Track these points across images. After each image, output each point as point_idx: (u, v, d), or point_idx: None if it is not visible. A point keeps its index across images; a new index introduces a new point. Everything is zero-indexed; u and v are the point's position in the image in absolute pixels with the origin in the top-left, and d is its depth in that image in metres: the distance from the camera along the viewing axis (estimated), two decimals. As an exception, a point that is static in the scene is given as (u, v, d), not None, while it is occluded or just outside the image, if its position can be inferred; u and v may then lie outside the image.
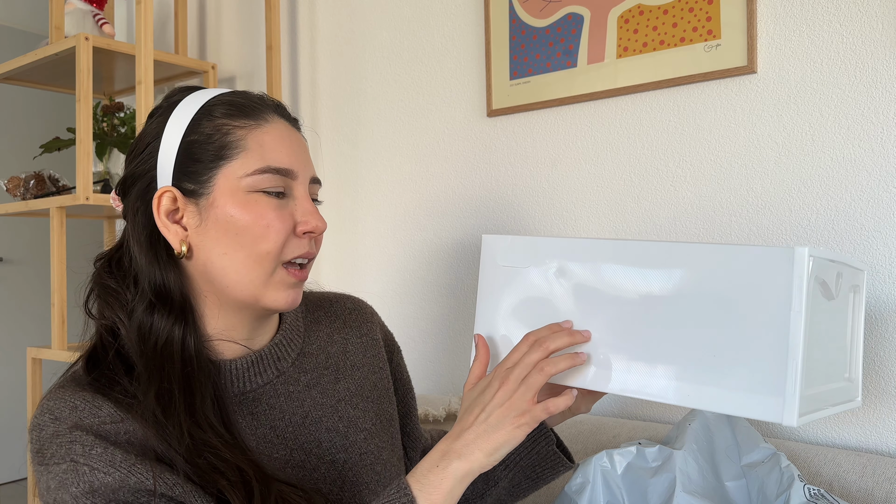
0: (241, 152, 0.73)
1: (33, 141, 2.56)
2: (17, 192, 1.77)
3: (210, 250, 0.72)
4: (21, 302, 3.43)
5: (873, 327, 1.02)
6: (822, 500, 0.79)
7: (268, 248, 0.72)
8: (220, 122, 0.73)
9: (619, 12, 1.23)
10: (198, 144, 0.73)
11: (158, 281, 0.72)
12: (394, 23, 1.57)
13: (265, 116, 0.75)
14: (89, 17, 1.74)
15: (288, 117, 0.79)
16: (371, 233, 1.61)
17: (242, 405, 0.76)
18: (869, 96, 1.02)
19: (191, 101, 0.75)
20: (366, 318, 0.93)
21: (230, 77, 1.92)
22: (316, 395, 0.81)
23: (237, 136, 0.73)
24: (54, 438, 0.66)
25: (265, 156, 0.73)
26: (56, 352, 1.66)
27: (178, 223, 0.73)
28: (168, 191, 0.73)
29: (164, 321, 0.71)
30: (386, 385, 0.90)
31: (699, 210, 1.16)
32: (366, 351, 0.89)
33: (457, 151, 1.46)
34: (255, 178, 0.72)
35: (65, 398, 0.68)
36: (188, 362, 0.71)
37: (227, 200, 0.72)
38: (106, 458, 0.64)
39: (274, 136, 0.75)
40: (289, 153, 0.75)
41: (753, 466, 0.88)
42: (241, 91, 0.79)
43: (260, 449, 0.75)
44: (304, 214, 0.75)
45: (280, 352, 0.80)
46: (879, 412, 1.01)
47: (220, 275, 0.73)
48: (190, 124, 0.73)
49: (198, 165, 0.72)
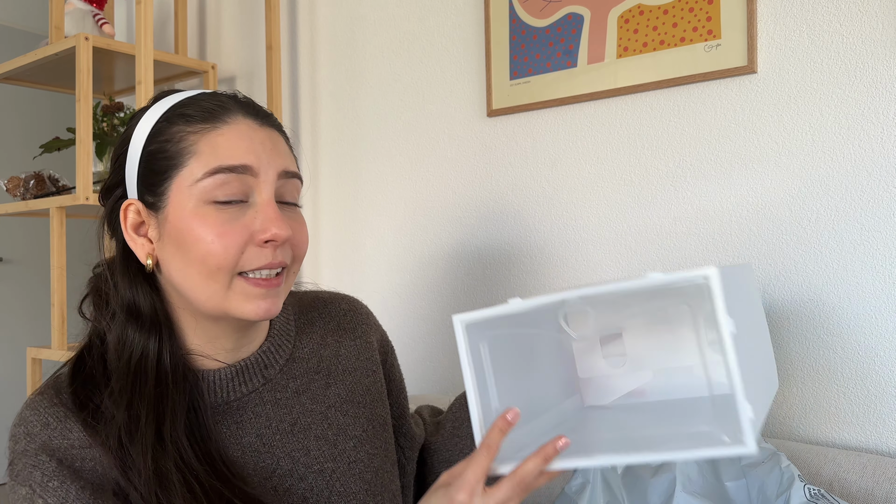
0: (191, 157, 0.68)
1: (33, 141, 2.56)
2: (17, 192, 1.77)
3: (170, 265, 0.70)
4: (21, 302, 3.43)
5: (874, 327, 1.02)
6: (822, 500, 0.79)
7: (217, 263, 0.67)
8: (176, 129, 0.70)
9: (619, 12, 1.23)
10: (154, 155, 0.70)
11: (129, 296, 0.71)
12: (394, 23, 1.57)
13: (224, 118, 0.70)
14: (89, 17, 1.74)
15: (256, 114, 0.73)
16: (371, 232, 1.61)
17: (227, 414, 0.74)
18: (869, 96, 1.02)
19: (158, 107, 0.72)
20: (361, 319, 0.91)
21: (230, 77, 1.92)
22: (305, 402, 0.80)
23: (189, 142, 0.69)
24: (23, 456, 0.66)
25: (217, 155, 0.68)
26: (56, 352, 1.66)
27: (144, 236, 0.71)
28: (132, 203, 0.71)
29: (137, 335, 0.70)
30: (379, 388, 0.88)
31: (699, 210, 1.16)
32: (359, 354, 0.88)
33: (457, 151, 1.46)
34: (205, 182, 0.67)
35: (40, 410, 0.68)
36: (162, 379, 0.69)
37: (178, 214, 0.68)
38: (60, 494, 0.64)
39: (230, 136, 0.69)
40: (247, 150, 0.69)
41: (753, 466, 0.87)
42: (208, 93, 0.74)
43: (245, 459, 0.73)
44: (264, 221, 0.68)
45: (267, 359, 0.78)
46: (879, 412, 1.01)
47: (183, 290, 0.70)
48: (150, 133, 0.70)
49: (155, 177, 0.70)
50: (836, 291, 1.04)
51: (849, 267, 1.03)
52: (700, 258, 1.16)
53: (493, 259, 1.41)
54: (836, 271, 1.04)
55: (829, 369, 1.05)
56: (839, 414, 1.04)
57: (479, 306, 1.41)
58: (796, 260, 1.07)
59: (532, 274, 1.35)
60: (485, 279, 1.42)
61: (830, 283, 1.05)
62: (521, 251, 1.37)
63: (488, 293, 1.41)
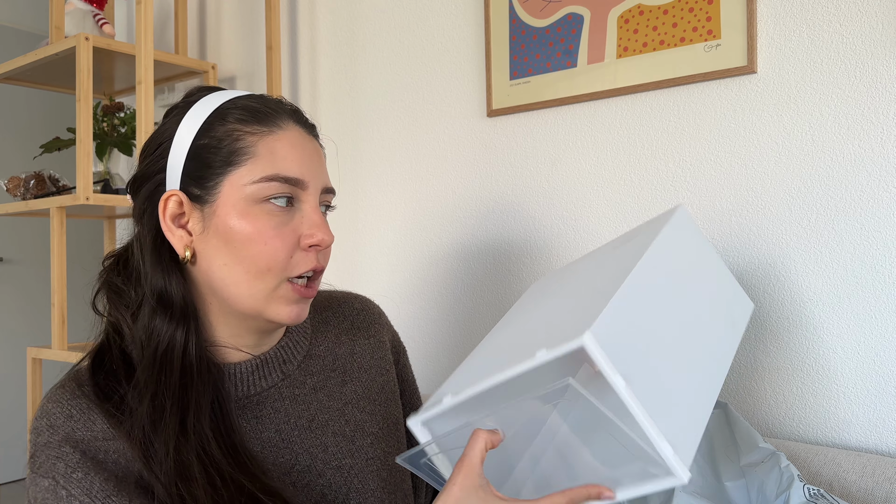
0: (250, 159, 0.70)
1: (33, 141, 2.56)
2: (18, 192, 1.77)
3: (211, 259, 0.71)
4: (21, 302, 3.43)
5: (874, 327, 1.02)
6: (822, 500, 0.79)
7: (268, 264, 0.70)
8: (232, 126, 0.71)
9: (619, 12, 1.23)
10: (207, 149, 0.71)
11: (160, 285, 0.71)
12: (394, 23, 1.57)
13: (279, 123, 0.73)
14: (89, 17, 1.74)
15: (304, 124, 0.77)
16: (371, 232, 1.61)
17: (247, 409, 0.75)
18: (869, 96, 1.02)
19: (206, 102, 0.74)
20: (374, 318, 0.92)
21: (230, 77, 1.92)
22: (322, 398, 0.81)
23: (248, 143, 0.71)
24: (45, 448, 0.66)
25: (275, 163, 0.70)
26: (56, 352, 1.66)
27: (183, 228, 0.72)
28: (174, 194, 0.71)
29: (165, 325, 0.70)
30: (392, 388, 0.89)
31: (699, 210, 1.16)
32: (373, 353, 0.89)
33: (457, 151, 1.46)
34: (261, 185, 0.69)
35: (62, 402, 0.68)
36: (187, 370, 0.69)
37: (229, 210, 0.70)
38: (84, 486, 0.64)
39: (286, 142, 0.72)
40: (300, 162, 0.72)
41: (753, 466, 0.88)
42: (258, 95, 0.76)
43: (264, 453, 0.74)
44: (310, 227, 0.72)
45: (286, 354, 0.79)
46: (879, 412, 1.01)
47: (221, 285, 0.71)
48: (202, 127, 0.71)
49: (206, 170, 0.71)
50: (835, 291, 1.05)
51: (849, 267, 1.03)
52: (700, 258, 1.17)
53: (493, 258, 1.41)
54: (835, 271, 1.04)
55: (829, 369, 1.05)
56: (839, 414, 1.04)
57: (480, 306, 1.42)
58: (796, 260, 1.07)
59: (532, 273, 1.35)
60: (485, 279, 1.42)
61: (830, 283, 1.05)
62: (521, 250, 1.37)
63: (489, 293, 1.41)
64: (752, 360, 1.11)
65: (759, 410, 1.10)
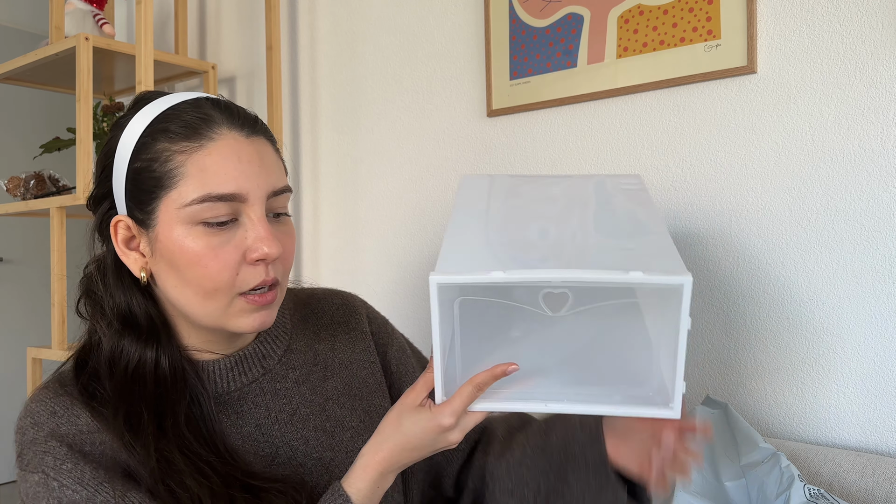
0: (181, 180, 0.67)
1: (33, 141, 2.56)
2: (18, 192, 1.77)
3: (164, 281, 0.71)
4: (21, 302, 3.43)
5: (874, 327, 1.02)
6: (822, 500, 0.79)
7: (214, 285, 0.68)
8: (162, 146, 0.68)
9: (619, 12, 1.23)
10: (140, 172, 0.69)
11: (123, 306, 0.71)
12: (394, 23, 1.57)
13: (209, 134, 0.68)
14: (89, 17, 1.74)
15: (241, 125, 0.71)
16: (371, 232, 1.61)
17: (227, 405, 0.76)
18: (869, 96, 1.02)
19: (140, 117, 0.71)
20: (353, 311, 0.92)
21: (230, 77, 1.92)
22: (305, 392, 0.81)
23: (177, 163, 0.68)
24: (32, 445, 0.67)
25: (206, 182, 0.67)
26: (56, 352, 1.66)
27: (136, 250, 0.72)
28: (122, 220, 0.71)
29: (134, 345, 0.70)
30: (377, 379, 0.89)
31: (699, 210, 1.16)
32: (354, 347, 0.89)
33: (457, 151, 1.46)
34: (194, 208, 0.67)
35: (45, 401, 0.69)
36: (161, 382, 0.70)
37: (168, 234, 0.68)
38: (75, 475, 0.64)
39: (216, 157, 0.68)
40: (236, 174, 0.68)
41: (753, 466, 0.88)
42: (190, 101, 0.72)
43: (245, 448, 0.75)
44: (255, 240, 0.68)
45: (265, 349, 0.80)
46: (879, 412, 1.01)
47: (178, 305, 0.71)
48: (136, 147, 0.69)
49: (143, 195, 0.69)
50: (835, 291, 1.04)
51: (848, 267, 1.03)
52: (700, 258, 1.16)
53: (493, 259, 1.41)
54: (835, 271, 1.04)
55: (829, 369, 1.05)
56: (839, 414, 1.04)
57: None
58: (796, 260, 1.07)
59: (532, 274, 1.35)
60: (485, 279, 1.42)
61: (830, 283, 1.05)
62: (521, 251, 1.37)
63: (488, 293, 1.41)
64: (752, 360, 1.11)
65: (759, 410, 1.10)
